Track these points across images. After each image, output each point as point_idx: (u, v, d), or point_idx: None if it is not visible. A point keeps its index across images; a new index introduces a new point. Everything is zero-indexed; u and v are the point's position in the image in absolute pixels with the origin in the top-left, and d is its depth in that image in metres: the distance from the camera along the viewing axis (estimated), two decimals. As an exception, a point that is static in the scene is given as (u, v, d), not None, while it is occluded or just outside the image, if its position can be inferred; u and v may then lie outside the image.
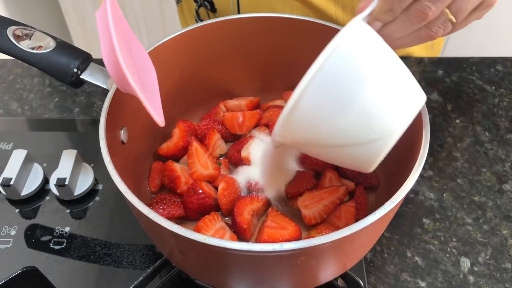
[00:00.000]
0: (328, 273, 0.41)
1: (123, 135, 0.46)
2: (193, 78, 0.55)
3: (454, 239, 0.53)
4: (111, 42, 0.35)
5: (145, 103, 0.37)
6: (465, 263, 0.51)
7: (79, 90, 0.69)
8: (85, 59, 0.45)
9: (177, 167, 0.51)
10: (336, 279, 0.47)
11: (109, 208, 0.55)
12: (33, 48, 0.44)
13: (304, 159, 0.51)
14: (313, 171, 0.52)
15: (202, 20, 0.73)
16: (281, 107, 0.55)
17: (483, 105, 0.67)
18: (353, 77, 0.33)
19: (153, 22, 1.31)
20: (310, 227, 0.48)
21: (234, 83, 0.58)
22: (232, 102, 0.58)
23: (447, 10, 0.35)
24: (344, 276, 0.46)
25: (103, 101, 0.43)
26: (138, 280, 0.45)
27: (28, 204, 0.55)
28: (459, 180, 0.58)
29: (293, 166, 0.51)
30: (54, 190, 0.54)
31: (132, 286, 0.45)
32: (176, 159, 0.53)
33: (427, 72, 0.72)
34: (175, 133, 0.53)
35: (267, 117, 0.55)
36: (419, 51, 0.75)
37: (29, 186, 0.55)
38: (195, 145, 0.51)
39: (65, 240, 0.52)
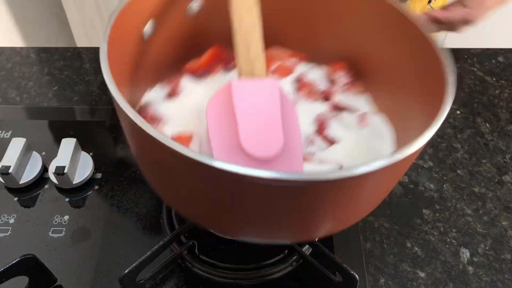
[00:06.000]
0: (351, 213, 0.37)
1: (148, 28, 0.41)
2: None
3: (454, 230, 0.53)
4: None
5: None
6: (465, 253, 0.51)
7: (78, 79, 0.69)
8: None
9: None
10: (334, 273, 0.47)
11: (108, 196, 0.54)
12: None
13: None
14: None
15: None
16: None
17: (483, 97, 0.67)
18: None
19: None
20: None
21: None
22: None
23: None
24: (340, 270, 0.46)
25: (102, 90, 0.42)
26: (134, 265, 0.44)
27: (27, 193, 0.55)
28: (459, 171, 0.58)
29: None
30: (53, 178, 0.54)
31: (127, 270, 0.44)
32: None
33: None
34: (206, 53, 0.49)
35: None
36: None
37: (28, 175, 0.55)
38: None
39: (64, 228, 0.52)
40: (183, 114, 0.46)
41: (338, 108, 0.49)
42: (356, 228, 0.52)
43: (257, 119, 0.38)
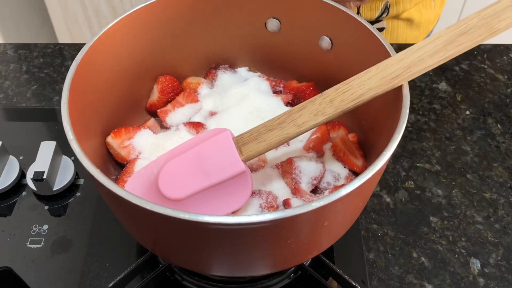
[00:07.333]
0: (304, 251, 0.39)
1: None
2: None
3: (463, 239, 0.51)
4: None
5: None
6: (475, 264, 0.50)
7: (59, 78, 0.67)
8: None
9: None
10: (335, 285, 0.47)
11: (91, 204, 0.53)
12: None
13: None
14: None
15: None
16: None
17: (494, 96, 0.66)
18: None
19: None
20: None
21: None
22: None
23: None
24: (341, 282, 0.45)
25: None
26: (118, 278, 0.44)
27: (2, 200, 0.54)
28: (468, 175, 0.57)
29: None
30: (31, 184, 0.53)
31: (112, 283, 0.44)
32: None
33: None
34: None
35: None
36: (418, 13, 0.74)
37: (4, 181, 0.54)
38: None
39: (43, 239, 0.50)
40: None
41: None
42: (358, 238, 0.51)
43: (193, 166, 0.40)
